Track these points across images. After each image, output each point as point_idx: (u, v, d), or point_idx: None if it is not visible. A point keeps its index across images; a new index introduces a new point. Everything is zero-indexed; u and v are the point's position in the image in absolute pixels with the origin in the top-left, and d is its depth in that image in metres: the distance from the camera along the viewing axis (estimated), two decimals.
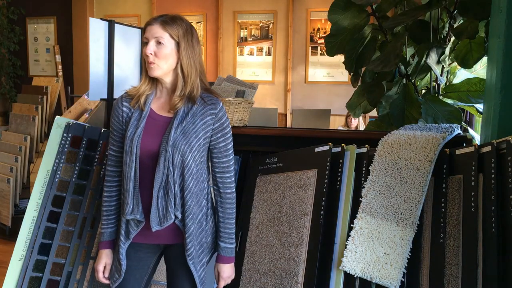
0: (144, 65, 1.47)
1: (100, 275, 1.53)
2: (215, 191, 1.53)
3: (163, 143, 1.40)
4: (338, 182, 1.67)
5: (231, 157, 1.52)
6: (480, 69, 2.36)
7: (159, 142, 1.41)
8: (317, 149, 1.76)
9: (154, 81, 1.50)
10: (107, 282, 1.53)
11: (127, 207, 1.42)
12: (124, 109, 1.49)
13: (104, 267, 1.53)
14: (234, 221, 1.55)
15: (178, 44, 1.42)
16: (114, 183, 1.53)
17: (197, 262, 1.48)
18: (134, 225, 1.45)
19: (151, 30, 1.41)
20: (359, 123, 4.62)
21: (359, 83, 2.56)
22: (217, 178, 1.52)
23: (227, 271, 1.54)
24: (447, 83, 2.44)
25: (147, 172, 1.42)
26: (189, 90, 1.44)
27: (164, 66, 1.42)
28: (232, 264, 1.56)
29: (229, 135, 1.51)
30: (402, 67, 2.32)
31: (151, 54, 1.40)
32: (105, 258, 1.53)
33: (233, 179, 1.54)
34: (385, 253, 1.46)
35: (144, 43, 1.44)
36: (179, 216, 1.43)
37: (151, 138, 1.43)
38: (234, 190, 1.55)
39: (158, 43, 1.41)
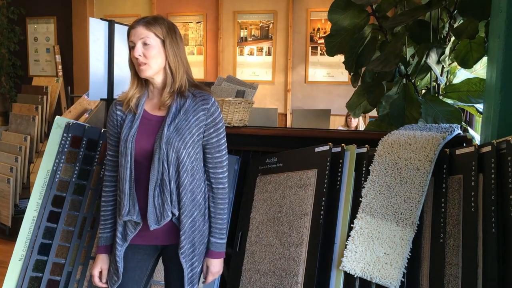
0: (133, 68, 1.48)
1: (96, 279, 1.54)
2: (208, 186, 1.54)
3: (157, 141, 1.41)
4: (338, 182, 1.67)
5: (224, 152, 1.53)
6: (480, 69, 2.36)
7: (153, 141, 1.42)
8: (317, 149, 1.76)
9: (144, 84, 1.51)
10: (104, 286, 1.54)
11: (123, 208, 1.43)
12: (118, 112, 1.51)
13: (100, 272, 1.54)
14: (225, 216, 1.55)
15: (163, 42, 1.44)
16: (111, 187, 1.54)
17: (188, 260, 1.47)
18: (132, 227, 1.45)
19: (136, 33, 1.43)
20: (359, 123, 4.62)
21: (359, 83, 2.56)
22: (210, 174, 1.52)
23: (217, 266, 1.54)
24: (447, 83, 2.44)
25: (143, 173, 1.43)
26: (178, 86, 1.46)
27: (154, 66, 1.44)
28: (222, 260, 1.56)
29: (222, 130, 1.51)
30: (402, 67, 2.32)
31: (140, 56, 1.42)
32: (100, 263, 1.53)
33: (225, 174, 1.54)
34: (385, 253, 1.46)
35: (130, 48, 1.45)
36: (176, 213, 1.44)
37: (145, 137, 1.44)
38: (226, 185, 1.55)
39: (145, 44, 1.42)
